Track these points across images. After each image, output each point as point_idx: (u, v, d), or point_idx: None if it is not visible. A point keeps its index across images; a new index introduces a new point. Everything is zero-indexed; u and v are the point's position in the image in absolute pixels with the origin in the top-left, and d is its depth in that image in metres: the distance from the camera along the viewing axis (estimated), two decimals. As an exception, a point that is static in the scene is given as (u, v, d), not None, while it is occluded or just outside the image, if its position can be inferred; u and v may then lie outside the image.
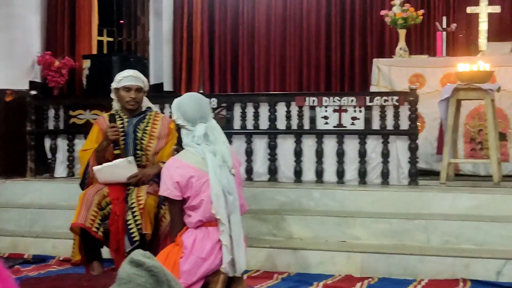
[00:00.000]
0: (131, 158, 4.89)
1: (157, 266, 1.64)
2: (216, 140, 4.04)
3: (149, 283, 1.62)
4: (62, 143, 7.29)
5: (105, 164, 4.88)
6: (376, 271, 5.32)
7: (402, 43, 8.00)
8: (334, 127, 6.59)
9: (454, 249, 5.42)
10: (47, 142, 7.33)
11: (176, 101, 4.18)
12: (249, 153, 6.74)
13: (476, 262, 5.17)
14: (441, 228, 5.57)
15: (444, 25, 8.20)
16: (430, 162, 7.36)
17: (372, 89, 7.72)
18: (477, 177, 7.20)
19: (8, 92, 7.34)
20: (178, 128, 4.15)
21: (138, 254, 1.65)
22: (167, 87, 9.92)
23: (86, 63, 8.01)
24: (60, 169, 7.27)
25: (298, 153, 6.64)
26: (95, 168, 4.88)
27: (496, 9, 7.94)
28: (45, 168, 7.42)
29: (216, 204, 3.87)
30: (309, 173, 6.67)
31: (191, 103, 4.12)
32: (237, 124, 6.81)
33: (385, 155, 6.44)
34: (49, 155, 7.32)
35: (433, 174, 7.08)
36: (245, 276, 4.68)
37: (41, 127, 7.34)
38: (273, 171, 6.71)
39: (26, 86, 7.50)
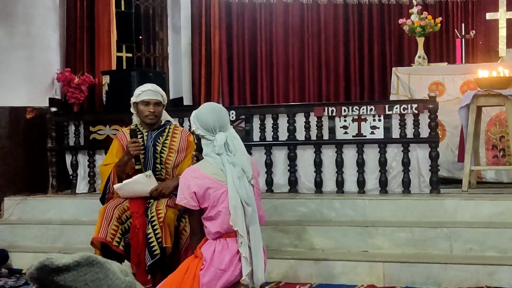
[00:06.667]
0: (149, 172, 4.90)
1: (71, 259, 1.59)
2: (236, 149, 4.01)
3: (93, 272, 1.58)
4: (83, 159, 7.32)
5: (124, 182, 4.89)
6: (399, 280, 5.29)
7: (421, 51, 7.96)
8: (354, 136, 6.56)
9: (478, 256, 5.38)
10: (68, 158, 7.37)
11: (194, 112, 4.17)
12: (268, 164, 6.72)
13: (500, 270, 5.13)
14: (464, 236, 5.53)
15: (463, 32, 8.16)
16: (451, 170, 7.30)
17: (392, 98, 7.68)
18: (500, 184, 7.13)
19: (29, 110, 7.40)
20: (198, 138, 4.14)
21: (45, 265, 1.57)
22: (187, 101, 9.96)
23: (106, 79, 8.04)
24: (82, 185, 7.30)
25: (318, 164, 6.62)
26: (115, 186, 4.90)
27: (516, 15, 7.88)
28: (66, 184, 7.46)
29: (234, 215, 3.86)
30: (329, 184, 6.64)
31: (209, 113, 4.09)
32: (256, 136, 6.80)
33: (406, 163, 6.39)
34: (70, 171, 7.35)
35: (455, 182, 7.02)
36: (266, 288, 4.67)
37: (62, 143, 7.38)
38: (293, 182, 6.69)
39: (46, 103, 7.56)
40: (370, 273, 5.39)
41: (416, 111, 6.34)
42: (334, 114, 6.56)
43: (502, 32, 7.78)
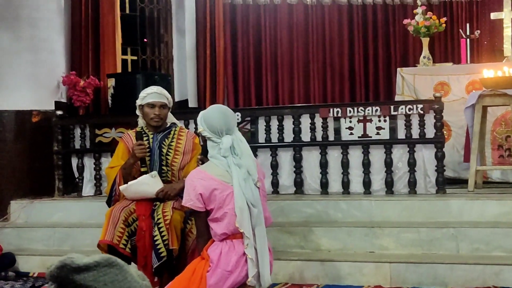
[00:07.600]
0: (154, 173, 4.89)
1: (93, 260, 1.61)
2: (242, 152, 4.01)
3: (114, 273, 1.61)
4: (88, 162, 7.33)
5: (130, 182, 4.89)
6: (405, 281, 5.28)
7: (425, 52, 7.96)
8: (359, 137, 6.56)
9: (484, 256, 5.37)
10: (74, 162, 7.38)
11: (202, 113, 4.16)
12: (274, 166, 6.72)
13: (507, 269, 5.12)
14: (471, 236, 5.52)
15: (468, 32, 8.15)
16: (457, 170, 7.30)
17: (397, 98, 7.68)
18: (506, 184, 7.12)
19: (35, 113, 7.41)
20: (204, 139, 4.14)
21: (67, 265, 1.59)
22: (192, 103, 9.96)
23: (111, 82, 8.06)
24: (88, 188, 7.31)
25: (323, 165, 6.61)
26: (121, 187, 4.90)
27: (520, 14, 7.87)
28: (72, 187, 7.47)
29: (240, 217, 3.85)
30: (335, 185, 6.64)
31: (217, 115, 4.08)
32: (261, 137, 6.80)
33: (412, 164, 6.38)
34: (76, 174, 7.36)
35: (461, 182, 7.02)
36: (273, 289, 4.66)
37: (68, 146, 7.39)
38: (299, 184, 6.69)
39: (52, 107, 7.57)
40: (376, 274, 5.39)
41: (421, 112, 6.34)
42: (339, 115, 6.56)
43: (507, 32, 7.78)
